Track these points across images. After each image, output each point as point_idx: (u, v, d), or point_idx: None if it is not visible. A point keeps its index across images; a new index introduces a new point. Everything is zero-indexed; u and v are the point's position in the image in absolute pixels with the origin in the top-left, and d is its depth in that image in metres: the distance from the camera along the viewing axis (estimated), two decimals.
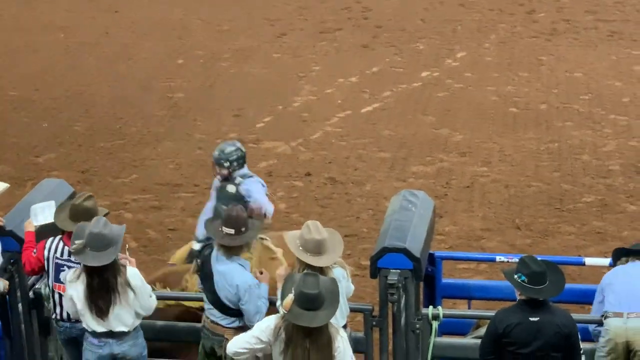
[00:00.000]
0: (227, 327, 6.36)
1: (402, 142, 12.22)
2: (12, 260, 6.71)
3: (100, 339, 6.21)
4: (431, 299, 7.22)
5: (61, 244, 6.52)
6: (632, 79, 13.96)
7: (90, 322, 6.19)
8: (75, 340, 6.59)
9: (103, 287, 6.08)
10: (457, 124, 12.71)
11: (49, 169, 11.72)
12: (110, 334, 6.19)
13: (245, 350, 5.62)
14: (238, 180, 7.52)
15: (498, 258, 7.62)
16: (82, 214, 6.39)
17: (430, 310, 6.60)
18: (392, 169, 11.54)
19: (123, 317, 6.17)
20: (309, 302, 5.35)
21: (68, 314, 6.52)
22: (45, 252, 6.55)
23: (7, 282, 6.67)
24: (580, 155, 11.74)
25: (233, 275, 6.23)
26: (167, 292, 7.17)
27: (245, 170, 7.61)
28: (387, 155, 11.88)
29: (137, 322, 6.30)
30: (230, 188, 7.50)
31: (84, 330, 6.33)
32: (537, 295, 5.84)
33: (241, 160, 7.55)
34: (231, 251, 6.28)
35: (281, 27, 16.60)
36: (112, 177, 11.55)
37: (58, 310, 6.56)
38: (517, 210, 10.48)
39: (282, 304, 5.52)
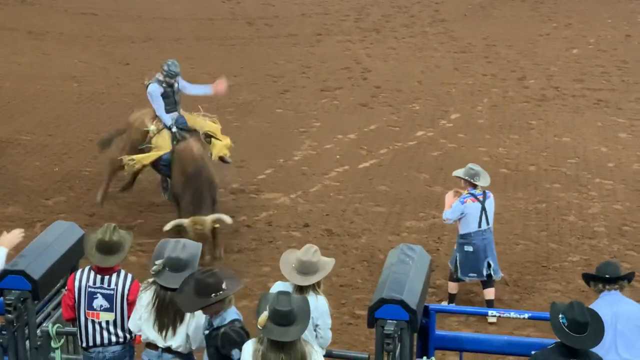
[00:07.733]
0: None
1: (397, 198, 12.37)
2: (21, 299, 6.76)
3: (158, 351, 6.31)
4: (424, 350, 7.16)
5: (92, 273, 6.61)
6: (617, 145, 14.02)
7: (149, 332, 6.30)
8: None
9: (172, 304, 6.16)
10: (449, 182, 12.54)
11: (58, 211, 11.78)
12: (167, 350, 6.29)
13: None
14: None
15: (490, 312, 7.81)
16: (111, 248, 6.61)
17: None
18: (386, 223, 11.68)
19: (176, 335, 6.26)
20: (282, 317, 5.57)
21: (101, 339, 6.57)
22: (76, 283, 6.63)
23: None
24: (566, 216, 11.86)
25: None
26: None
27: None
28: (382, 210, 12.03)
29: (186, 346, 6.30)
30: None
31: (115, 353, 6.46)
32: (572, 343, 5.78)
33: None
34: None
35: (284, 84, 16.74)
36: (118, 221, 11.15)
37: (91, 337, 6.61)
38: (505, 266, 10.45)
39: (257, 321, 5.69)
